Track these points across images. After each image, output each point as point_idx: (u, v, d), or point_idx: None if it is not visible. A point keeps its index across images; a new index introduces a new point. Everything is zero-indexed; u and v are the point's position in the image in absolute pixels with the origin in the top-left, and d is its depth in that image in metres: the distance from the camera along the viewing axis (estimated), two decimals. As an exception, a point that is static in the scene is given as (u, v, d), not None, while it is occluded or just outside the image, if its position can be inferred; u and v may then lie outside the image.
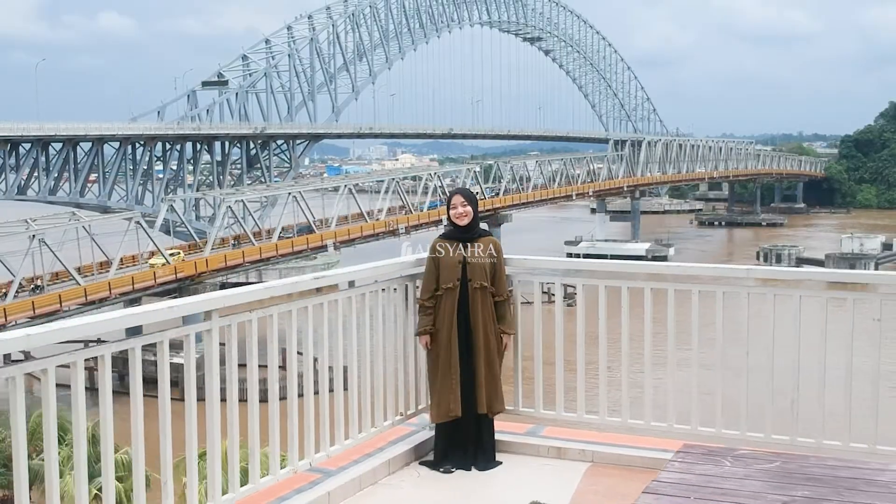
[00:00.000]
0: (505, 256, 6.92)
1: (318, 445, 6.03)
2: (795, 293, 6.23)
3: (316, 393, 6.04)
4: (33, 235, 54.08)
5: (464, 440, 6.66)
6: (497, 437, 6.78)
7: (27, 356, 4.58)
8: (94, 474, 5.76)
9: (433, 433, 6.78)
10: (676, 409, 6.53)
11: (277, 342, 5.62)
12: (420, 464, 6.70)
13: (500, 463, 6.74)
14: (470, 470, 6.60)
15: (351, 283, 6.35)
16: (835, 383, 6.10)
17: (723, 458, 5.29)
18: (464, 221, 6.85)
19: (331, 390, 6.23)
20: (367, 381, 6.49)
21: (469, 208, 6.86)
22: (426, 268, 6.94)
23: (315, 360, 6.26)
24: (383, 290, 6.69)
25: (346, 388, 6.25)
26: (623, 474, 6.25)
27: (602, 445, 6.66)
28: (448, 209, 6.93)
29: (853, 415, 6.13)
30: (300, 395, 5.94)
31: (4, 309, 52.24)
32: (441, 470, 6.62)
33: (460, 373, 6.62)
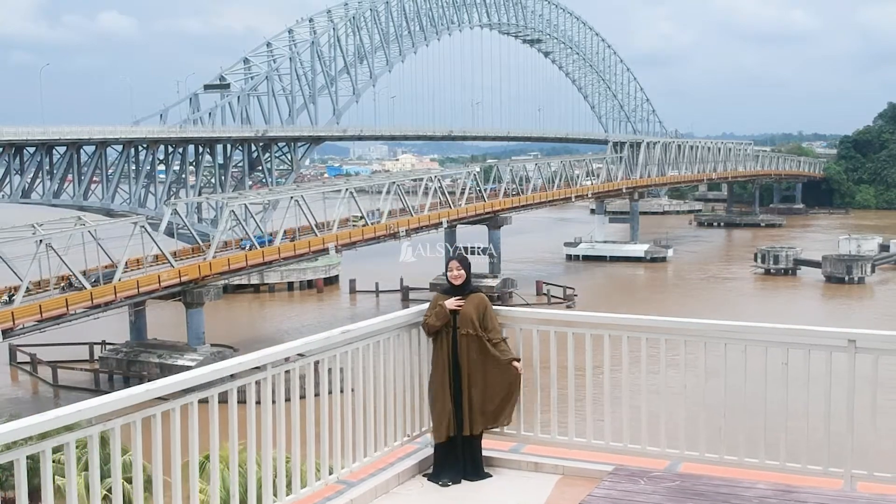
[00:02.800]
0: (494, 307, 8.22)
1: (342, 462, 7.51)
2: (721, 341, 7.62)
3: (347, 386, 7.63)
4: (40, 240, 54.85)
5: (457, 457, 7.96)
6: (486, 453, 8.13)
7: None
8: (103, 475, 6.65)
9: (433, 450, 8.15)
10: (630, 433, 7.91)
11: (314, 383, 7.19)
12: (423, 476, 8.03)
13: (490, 476, 8.03)
14: (460, 482, 7.91)
15: (351, 336, 7.69)
16: (756, 413, 7.39)
17: (640, 478, 6.73)
18: (458, 282, 8.19)
19: (355, 389, 7.75)
20: (381, 409, 7.90)
21: (462, 272, 8.19)
22: (430, 305, 8.24)
23: (342, 391, 7.67)
24: (390, 337, 8.05)
25: (364, 415, 7.71)
26: (587, 485, 7.38)
27: (570, 461, 7.99)
28: (445, 270, 8.29)
29: (767, 438, 7.47)
30: (335, 390, 7.52)
31: (13, 312, 53.05)
32: (440, 483, 7.91)
33: (453, 401, 7.98)
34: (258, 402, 6.69)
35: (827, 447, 7.21)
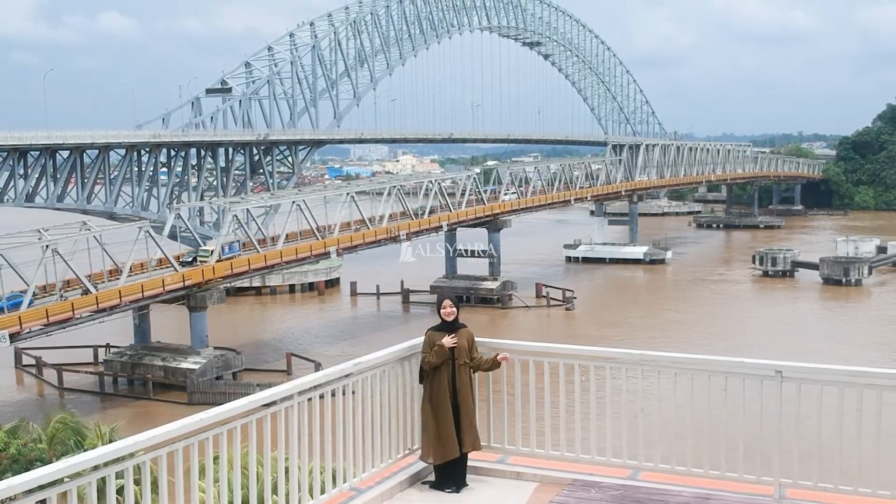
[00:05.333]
0: (481, 339, 9.50)
1: (355, 472, 8.81)
2: (672, 370, 9.00)
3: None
4: (46, 246, 55.62)
5: (455, 469, 9.19)
6: (476, 464, 9.44)
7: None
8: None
9: (431, 462, 9.34)
10: (597, 446, 9.25)
11: (331, 410, 8.47)
12: (422, 483, 9.29)
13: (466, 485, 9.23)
14: (460, 491, 9.16)
15: (362, 367, 8.95)
16: (702, 431, 8.74)
17: (592, 487, 8.02)
18: (450, 318, 9.26)
19: (364, 410, 9.05)
20: (385, 427, 9.16)
21: (455, 310, 9.29)
22: (424, 342, 9.29)
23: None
24: (393, 366, 9.30)
25: (371, 432, 8.98)
26: (559, 490, 8.68)
27: (547, 470, 9.29)
28: (439, 308, 9.34)
29: (711, 452, 8.80)
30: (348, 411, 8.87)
31: (20, 317, 53.83)
32: (447, 490, 9.12)
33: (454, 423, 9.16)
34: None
35: (759, 459, 8.50)
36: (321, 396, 8.35)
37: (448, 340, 9.09)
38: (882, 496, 8.10)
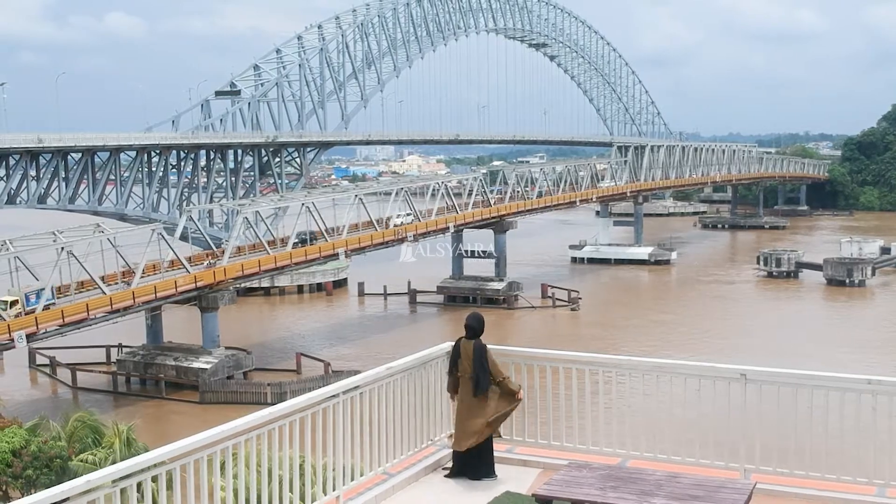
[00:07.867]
0: (492, 346, 10.69)
1: (387, 458, 10.31)
2: (654, 374, 10.49)
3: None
4: (62, 248, 56.76)
5: (471, 458, 10.50)
6: None
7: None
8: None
9: (451, 451, 10.77)
10: (592, 437, 10.74)
11: (368, 406, 9.83)
12: (442, 469, 10.71)
13: (495, 476, 10.48)
14: (480, 479, 10.46)
15: (392, 371, 10.33)
16: (679, 424, 10.24)
17: (583, 468, 9.25)
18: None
19: (394, 407, 10.45)
20: (411, 421, 10.64)
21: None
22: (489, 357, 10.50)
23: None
24: (419, 369, 10.73)
25: (400, 426, 10.48)
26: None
27: (549, 458, 10.70)
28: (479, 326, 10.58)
29: (688, 442, 10.18)
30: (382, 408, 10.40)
31: (36, 318, 54.97)
32: (470, 477, 10.40)
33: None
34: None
35: (728, 448, 9.93)
36: (361, 394, 9.68)
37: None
38: (829, 480, 9.53)
